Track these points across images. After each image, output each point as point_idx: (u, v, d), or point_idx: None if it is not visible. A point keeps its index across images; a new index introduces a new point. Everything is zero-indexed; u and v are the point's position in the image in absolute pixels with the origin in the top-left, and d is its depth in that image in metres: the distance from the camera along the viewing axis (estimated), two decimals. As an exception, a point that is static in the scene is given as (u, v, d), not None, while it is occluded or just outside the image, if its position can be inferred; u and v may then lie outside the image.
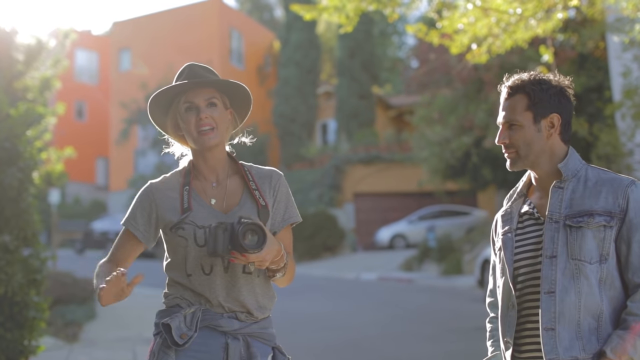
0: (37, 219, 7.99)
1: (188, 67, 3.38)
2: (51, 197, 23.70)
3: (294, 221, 3.43)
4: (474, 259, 24.07)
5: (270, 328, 3.35)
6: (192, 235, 3.23)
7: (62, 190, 38.15)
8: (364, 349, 12.09)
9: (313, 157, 39.33)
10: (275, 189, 3.39)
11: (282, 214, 3.39)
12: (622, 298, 3.08)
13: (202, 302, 3.24)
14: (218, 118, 3.29)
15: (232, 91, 3.40)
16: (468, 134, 25.67)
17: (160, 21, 45.79)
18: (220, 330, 3.22)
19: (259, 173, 3.42)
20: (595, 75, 21.89)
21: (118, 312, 15.94)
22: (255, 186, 3.35)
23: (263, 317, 3.30)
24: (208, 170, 3.38)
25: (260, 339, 3.28)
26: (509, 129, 3.21)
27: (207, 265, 3.23)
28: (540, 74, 3.26)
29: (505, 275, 3.22)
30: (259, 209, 3.29)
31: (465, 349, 11.69)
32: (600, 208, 3.06)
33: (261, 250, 3.03)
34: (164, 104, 3.41)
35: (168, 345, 3.20)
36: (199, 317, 3.20)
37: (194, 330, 3.18)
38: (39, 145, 9.17)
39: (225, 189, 3.36)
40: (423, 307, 17.28)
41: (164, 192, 3.36)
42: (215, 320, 3.21)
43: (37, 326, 7.83)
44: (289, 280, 3.40)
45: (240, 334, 3.23)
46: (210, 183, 3.37)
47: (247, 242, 3.02)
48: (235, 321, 3.23)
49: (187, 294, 3.27)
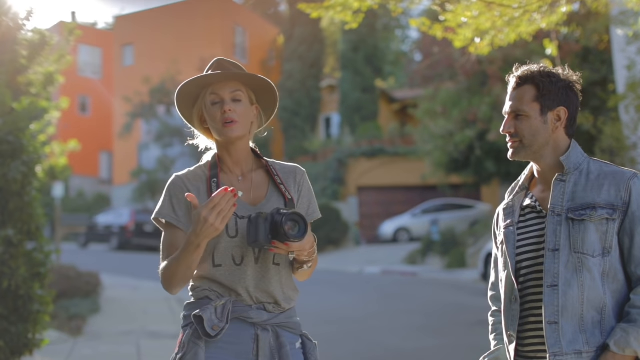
0: (41, 213, 8.00)
1: (217, 62, 3.42)
2: (55, 191, 23.70)
3: (316, 217, 3.47)
4: (478, 252, 24.08)
5: (296, 317, 3.37)
6: None
7: (66, 184, 38.17)
8: (368, 342, 12.10)
9: (316, 150, 39.32)
10: (300, 184, 3.42)
11: (305, 209, 3.41)
12: (625, 291, 3.08)
13: (231, 294, 3.25)
14: (242, 112, 3.31)
15: (259, 88, 3.42)
16: (471, 128, 25.65)
17: (163, 16, 45.78)
18: (250, 321, 3.23)
19: (283, 169, 3.45)
20: (599, 68, 21.87)
21: (122, 306, 15.97)
22: (281, 180, 3.37)
23: (289, 307, 3.33)
24: (233, 163, 3.40)
25: (288, 329, 3.31)
26: (515, 119, 3.22)
27: (239, 255, 3.24)
28: (550, 67, 3.27)
29: (508, 269, 3.22)
30: (286, 202, 3.31)
31: (469, 342, 11.70)
32: (603, 201, 3.06)
33: (303, 239, 3.07)
34: (190, 97, 3.42)
35: (199, 336, 3.20)
36: (229, 309, 3.21)
37: (226, 322, 3.18)
38: (42, 139, 9.19)
39: (251, 182, 3.38)
40: (426, 301, 17.28)
41: (192, 183, 3.37)
42: (245, 312, 3.23)
43: (41, 320, 7.85)
44: (310, 274, 3.43)
45: (269, 325, 3.25)
46: (236, 176, 3.39)
47: (290, 231, 3.06)
48: (264, 312, 3.25)
49: (214, 286, 3.28)
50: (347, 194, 36.49)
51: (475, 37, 8.05)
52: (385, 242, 33.02)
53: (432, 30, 8.09)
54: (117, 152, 47.42)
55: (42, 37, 8.60)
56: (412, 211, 33.67)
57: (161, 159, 41.53)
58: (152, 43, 45.50)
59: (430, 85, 29.85)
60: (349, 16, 7.66)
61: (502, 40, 8.02)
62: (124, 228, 35.87)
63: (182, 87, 3.38)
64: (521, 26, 7.75)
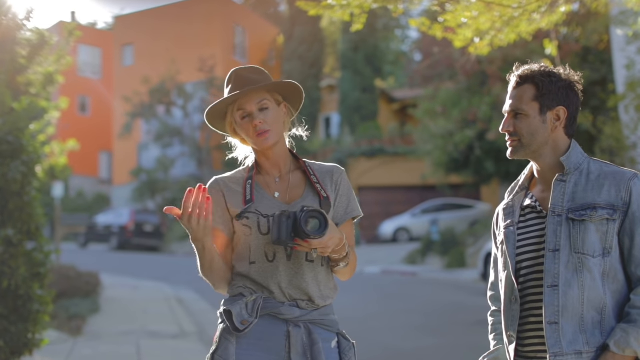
0: (41, 213, 8.00)
1: (235, 74, 3.45)
2: (55, 191, 23.70)
3: (356, 214, 3.48)
4: (478, 252, 24.07)
5: (332, 315, 3.38)
6: (256, 224, 3.29)
7: (66, 183, 38.18)
8: (367, 342, 12.10)
9: (316, 150, 39.31)
10: (338, 183, 3.45)
11: (344, 207, 3.45)
12: (625, 291, 3.08)
13: (264, 291, 3.29)
14: (272, 120, 3.36)
15: (282, 86, 3.44)
16: (471, 127, 25.66)
17: (163, 16, 45.79)
18: (282, 318, 3.26)
19: (321, 169, 3.49)
20: (599, 68, 21.88)
21: (122, 306, 15.97)
22: (317, 180, 3.41)
23: (324, 304, 3.34)
24: (270, 166, 3.45)
25: (323, 326, 3.32)
26: (514, 118, 3.22)
27: (271, 252, 3.28)
28: (551, 67, 3.27)
29: (508, 269, 3.22)
30: (321, 200, 3.34)
31: (469, 342, 11.69)
32: (603, 201, 3.06)
33: (323, 236, 3.08)
34: (219, 113, 3.46)
35: (230, 331, 3.25)
36: (260, 305, 3.24)
37: (255, 317, 3.22)
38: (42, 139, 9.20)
39: (288, 182, 3.43)
40: (426, 300, 17.28)
41: (229, 185, 3.43)
42: (277, 308, 3.26)
43: (41, 320, 7.85)
44: (351, 272, 3.46)
45: (301, 322, 3.27)
46: (273, 178, 3.44)
47: (309, 228, 3.08)
48: (297, 309, 3.27)
49: (248, 283, 3.32)
50: (347, 194, 36.44)
51: (475, 37, 8.04)
52: (385, 242, 33.03)
53: (432, 31, 8.08)
54: (117, 152, 47.43)
55: (41, 37, 8.60)
56: (412, 211, 33.66)
57: (161, 159, 41.53)
58: (152, 43, 45.51)
59: (430, 85, 29.86)
60: (347, 15, 7.66)
61: (502, 40, 8.01)
62: (124, 228, 35.90)
63: (209, 111, 3.43)
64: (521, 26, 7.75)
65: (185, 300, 17.13)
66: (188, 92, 40.55)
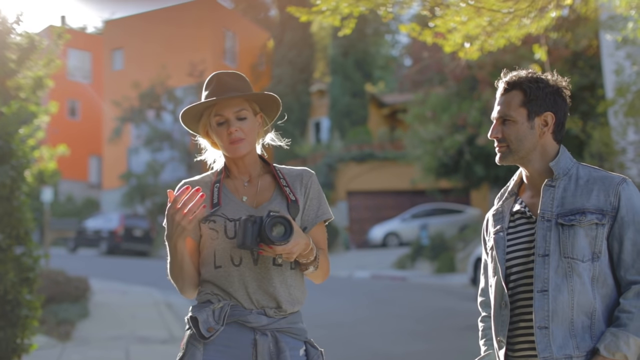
0: (30, 217, 7.97)
1: (216, 77, 3.44)
2: (44, 195, 23.65)
3: (327, 218, 3.47)
4: (467, 257, 24.10)
5: (300, 323, 3.39)
6: (223, 228, 3.30)
7: (55, 188, 38.08)
8: (357, 347, 12.10)
9: (306, 155, 39.31)
10: (307, 186, 3.45)
11: (315, 210, 3.44)
12: (615, 296, 3.09)
13: (231, 298, 3.29)
14: (247, 129, 3.37)
15: (262, 97, 3.45)
16: (461, 132, 25.70)
17: (153, 20, 45.75)
18: (249, 326, 3.26)
19: (290, 173, 3.49)
20: (588, 73, 21.94)
21: (111, 311, 15.94)
22: (286, 183, 3.41)
23: (292, 311, 3.34)
24: (239, 172, 3.47)
25: (290, 334, 3.32)
26: (502, 124, 3.23)
27: (237, 257, 3.29)
28: (538, 73, 3.28)
29: (498, 274, 3.22)
30: (289, 203, 3.34)
31: (458, 347, 11.70)
32: (592, 206, 3.07)
33: (288, 242, 3.09)
34: (194, 115, 3.47)
35: (197, 338, 3.26)
36: (227, 312, 3.25)
37: (221, 324, 3.23)
38: (31, 144, 9.16)
39: (256, 186, 3.44)
40: (416, 305, 17.29)
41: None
42: (244, 316, 3.26)
43: (30, 325, 7.82)
44: (323, 276, 3.47)
45: (268, 330, 3.27)
46: (242, 182, 3.46)
47: (274, 235, 3.09)
48: (264, 317, 3.27)
49: (216, 289, 3.32)
50: (337, 199, 36.48)
51: (464, 42, 8.05)
52: (375, 246, 33.02)
53: (422, 36, 8.10)
54: (107, 157, 47.35)
55: (31, 41, 8.57)
56: (402, 216, 33.68)
57: (151, 164, 41.47)
58: (142, 47, 45.46)
59: (420, 90, 29.88)
60: (337, 20, 7.66)
61: (492, 45, 8.02)
62: (113, 233, 35.83)
63: (185, 112, 3.44)
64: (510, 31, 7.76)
65: (175, 305, 17.09)
66: (178, 97, 40.50)
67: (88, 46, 52.18)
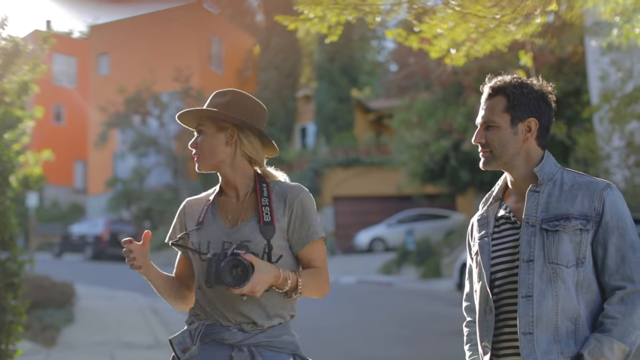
0: (15, 223, 7.95)
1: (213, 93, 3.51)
2: (29, 201, 23.58)
3: (317, 237, 3.42)
4: (453, 262, 24.11)
5: (285, 335, 3.36)
6: (199, 248, 3.33)
7: (40, 193, 37.97)
8: (343, 351, 12.10)
9: (292, 160, 39.30)
10: (292, 206, 3.38)
11: (304, 230, 3.38)
12: (599, 301, 3.09)
13: (211, 317, 3.32)
14: (203, 145, 3.38)
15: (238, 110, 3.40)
16: (447, 138, 25.75)
17: (139, 25, 45.66)
18: (226, 343, 3.27)
19: (279, 191, 3.43)
20: (573, 79, 22.04)
21: (96, 316, 15.88)
22: (267, 202, 3.36)
23: (271, 325, 3.32)
24: (227, 187, 3.47)
25: (271, 347, 3.30)
26: (486, 129, 3.23)
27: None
28: (523, 78, 3.28)
29: (483, 280, 3.22)
30: (261, 226, 3.30)
31: (443, 351, 11.71)
32: (577, 211, 3.07)
33: (243, 286, 3.09)
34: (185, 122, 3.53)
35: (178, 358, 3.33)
36: (201, 331, 3.29)
37: (194, 344, 3.27)
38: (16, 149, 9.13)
39: (242, 205, 3.41)
40: (401, 310, 17.30)
41: (193, 207, 3.51)
42: (220, 333, 3.28)
43: (15, 330, 7.79)
44: (318, 292, 3.46)
45: (244, 345, 3.26)
46: (231, 199, 3.46)
47: (229, 279, 3.10)
48: (239, 333, 3.27)
49: (198, 309, 3.38)
50: (323, 204, 36.49)
51: (450, 48, 8.07)
52: (361, 252, 33.03)
53: (408, 42, 8.11)
54: (92, 162, 47.21)
55: (16, 46, 8.55)
56: (388, 221, 33.70)
57: (136, 169, 41.38)
58: (128, 53, 45.36)
59: (406, 95, 29.97)
60: (325, 28, 7.67)
61: (478, 51, 8.05)
62: (99, 238, 35.72)
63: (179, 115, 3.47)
64: (496, 37, 7.79)
65: (160, 311, 17.05)
66: (164, 102, 40.41)
67: (74, 51, 52.04)
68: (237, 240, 3.26)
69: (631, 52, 15.50)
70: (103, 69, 47.40)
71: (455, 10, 7.38)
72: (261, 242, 3.27)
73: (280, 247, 3.33)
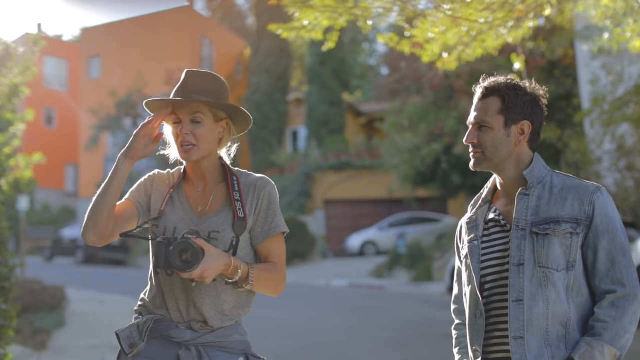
0: (5, 226, 7.93)
1: (185, 75, 3.37)
2: (20, 204, 23.50)
3: (280, 231, 3.38)
4: (444, 265, 24.15)
5: (235, 335, 3.31)
6: (164, 233, 3.28)
7: (31, 196, 37.87)
8: (334, 355, 12.09)
9: (283, 163, 39.31)
10: (259, 198, 3.35)
11: (269, 223, 3.35)
12: (590, 305, 3.09)
13: (163, 308, 3.28)
14: (201, 134, 3.29)
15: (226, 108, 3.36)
16: (438, 141, 25.79)
17: (130, 28, 45.62)
18: (173, 340, 3.24)
19: (247, 182, 3.40)
20: (564, 82, 22.09)
21: (87, 320, 15.84)
22: (239, 197, 3.32)
23: (221, 326, 3.27)
24: (195, 177, 3.41)
25: (220, 348, 3.26)
26: (478, 130, 3.22)
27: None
28: (517, 80, 3.28)
29: (472, 283, 3.21)
30: (234, 221, 3.26)
31: (435, 355, 11.72)
32: (567, 215, 3.07)
33: (192, 270, 3.05)
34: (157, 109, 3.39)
35: (124, 352, 3.27)
36: (149, 326, 3.24)
37: (143, 340, 3.22)
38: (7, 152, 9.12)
39: (209, 196, 3.37)
40: (393, 314, 17.30)
41: (160, 186, 3.44)
42: (168, 330, 3.24)
43: (5, 334, 7.77)
44: (273, 290, 3.38)
45: (192, 345, 3.22)
46: (196, 189, 3.40)
47: (179, 262, 3.06)
48: (188, 331, 3.23)
49: (153, 296, 3.32)
50: (314, 208, 36.49)
51: (442, 52, 8.08)
52: (352, 255, 33.03)
53: (400, 46, 8.12)
54: (83, 165, 47.13)
55: (6, 49, 8.54)
56: (379, 225, 33.70)
57: (128, 172, 41.30)
58: (119, 55, 45.32)
59: (397, 99, 29.98)
60: (320, 34, 7.67)
61: (469, 55, 8.06)
62: (90, 241, 35.60)
63: (146, 104, 3.39)
64: (488, 41, 7.81)
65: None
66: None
67: (64, 54, 52.01)
68: (206, 230, 3.22)
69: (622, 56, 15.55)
70: (94, 72, 47.35)
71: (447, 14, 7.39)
72: (229, 234, 3.24)
73: (244, 239, 3.30)
